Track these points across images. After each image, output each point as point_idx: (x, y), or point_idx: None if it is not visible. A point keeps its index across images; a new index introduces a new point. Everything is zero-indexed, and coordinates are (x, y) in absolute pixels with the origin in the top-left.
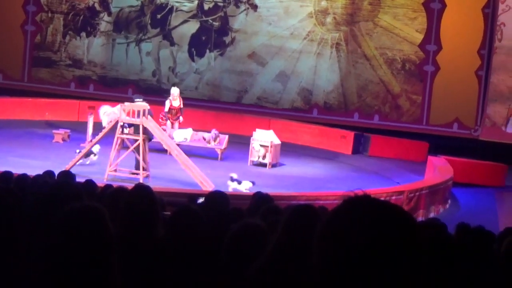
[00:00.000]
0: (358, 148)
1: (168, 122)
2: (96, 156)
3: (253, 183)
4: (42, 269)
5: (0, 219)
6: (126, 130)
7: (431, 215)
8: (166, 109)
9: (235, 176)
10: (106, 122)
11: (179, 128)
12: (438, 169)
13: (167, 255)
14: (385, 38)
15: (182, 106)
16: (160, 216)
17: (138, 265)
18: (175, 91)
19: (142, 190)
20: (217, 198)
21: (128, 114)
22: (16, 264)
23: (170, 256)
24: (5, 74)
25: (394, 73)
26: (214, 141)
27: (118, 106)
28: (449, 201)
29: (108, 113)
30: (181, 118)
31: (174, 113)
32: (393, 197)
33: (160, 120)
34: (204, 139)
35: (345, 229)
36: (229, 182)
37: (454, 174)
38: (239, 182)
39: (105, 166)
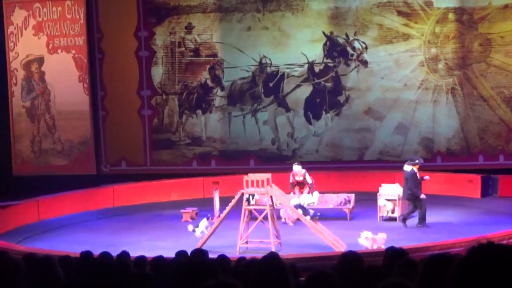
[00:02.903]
0: (487, 190)
1: (296, 191)
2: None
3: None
4: None
5: None
6: (252, 201)
7: None
8: (291, 180)
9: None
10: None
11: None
12: None
13: None
14: (500, 77)
15: (309, 181)
16: (292, 284)
17: None
18: (296, 170)
19: (271, 259)
20: (351, 258)
21: (252, 185)
22: None
23: None
24: (128, 160)
25: None
26: (344, 205)
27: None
28: None
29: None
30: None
31: (301, 185)
32: None
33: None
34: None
35: (474, 279)
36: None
37: None
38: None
39: (236, 240)
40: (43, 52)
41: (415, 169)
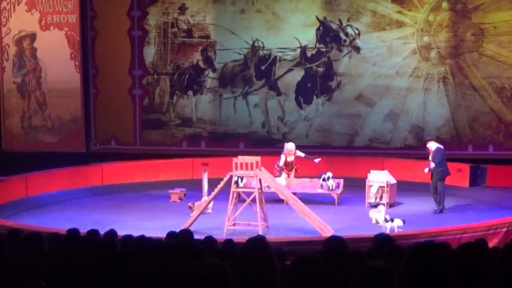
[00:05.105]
0: (475, 180)
1: (284, 174)
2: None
3: (404, 221)
4: None
5: (123, 282)
6: (241, 184)
7: None
8: (281, 163)
9: (387, 217)
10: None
11: (295, 176)
12: None
13: None
14: (491, 67)
15: (302, 155)
16: (277, 267)
17: None
18: (291, 146)
19: (256, 242)
20: (335, 243)
21: (241, 167)
22: None
23: None
24: (117, 139)
25: (505, 101)
26: (332, 190)
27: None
28: None
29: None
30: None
31: (290, 167)
32: None
33: (274, 171)
34: (322, 186)
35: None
36: (385, 224)
37: None
38: (392, 220)
39: (224, 221)
40: (36, 29)
41: None
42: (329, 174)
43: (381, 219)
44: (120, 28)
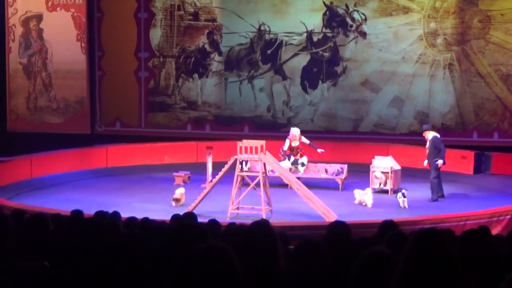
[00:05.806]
0: (480, 167)
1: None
2: None
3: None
4: None
5: (126, 264)
6: (245, 168)
7: None
8: (285, 147)
9: (405, 192)
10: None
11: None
12: None
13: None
14: (498, 55)
15: (306, 141)
16: (281, 251)
17: None
18: (296, 132)
19: (260, 226)
20: (339, 228)
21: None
22: None
23: None
24: (122, 121)
25: (510, 88)
26: (337, 175)
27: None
28: None
29: None
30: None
31: (294, 152)
32: None
33: (279, 156)
34: (326, 171)
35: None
36: (400, 200)
37: None
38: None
39: (228, 205)
40: (42, 10)
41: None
42: (304, 159)
43: (370, 202)
44: (127, 10)
